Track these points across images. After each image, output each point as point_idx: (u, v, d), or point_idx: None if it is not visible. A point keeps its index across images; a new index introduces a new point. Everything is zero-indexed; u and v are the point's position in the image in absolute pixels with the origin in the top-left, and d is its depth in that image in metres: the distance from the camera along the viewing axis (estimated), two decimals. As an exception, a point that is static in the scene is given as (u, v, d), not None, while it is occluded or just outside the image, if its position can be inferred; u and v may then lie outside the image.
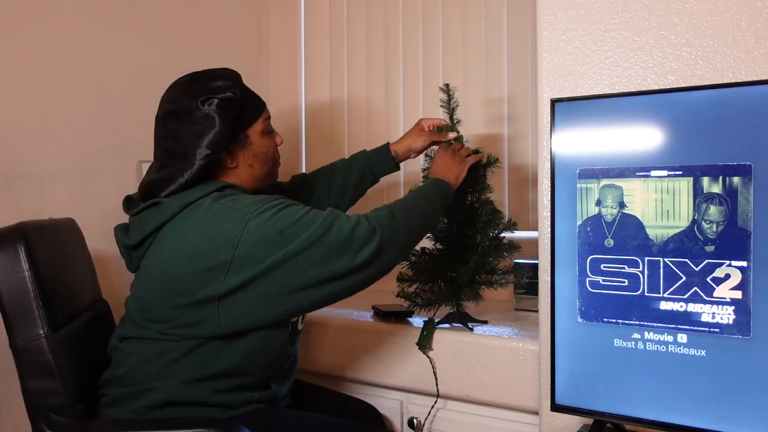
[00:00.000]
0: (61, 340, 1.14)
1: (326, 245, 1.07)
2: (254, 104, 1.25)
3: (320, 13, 2.46)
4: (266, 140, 1.27)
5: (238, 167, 1.23)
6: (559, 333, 1.21)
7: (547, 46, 1.34)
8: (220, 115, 1.15)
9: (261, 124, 1.26)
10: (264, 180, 1.28)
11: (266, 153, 1.26)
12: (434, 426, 1.63)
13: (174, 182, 1.15)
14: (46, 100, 1.70)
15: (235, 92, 1.17)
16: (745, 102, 1.04)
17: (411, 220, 1.21)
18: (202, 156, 1.15)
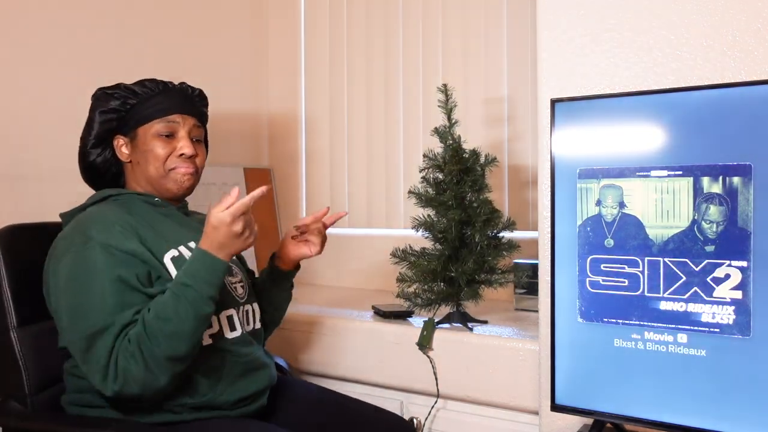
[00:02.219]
0: (29, 334, 1.23)
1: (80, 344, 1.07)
2: (156, 108, 1.25)
3: (320, 14, 2.46)
4: (157, 142, 1.23)
5: (131, 163, 1.27)
6: (559, 333, 1.21)
7: (547, 46, 1.34)
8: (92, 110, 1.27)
9: (156, 125, 1.24)
10: (157, 184, 1.25)
11: (153, 153, 1.23)
12: (434, 426, 1.63)
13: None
14: (47, 100, 1.70)
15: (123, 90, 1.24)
16: (745, 102, 1.04)
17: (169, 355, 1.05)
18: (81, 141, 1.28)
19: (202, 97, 1.34)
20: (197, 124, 1.29)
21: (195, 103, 1.31)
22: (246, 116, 2.48)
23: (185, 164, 1.25)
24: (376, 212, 2.34)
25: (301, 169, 2.52)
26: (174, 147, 1.24)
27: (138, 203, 1.24)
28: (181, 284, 1.07)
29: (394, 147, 2.29)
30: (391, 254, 1.69)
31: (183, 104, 1.27)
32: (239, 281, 1.29)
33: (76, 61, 1.78)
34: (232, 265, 1.29)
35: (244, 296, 1.28)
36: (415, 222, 1.66)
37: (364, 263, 2.34)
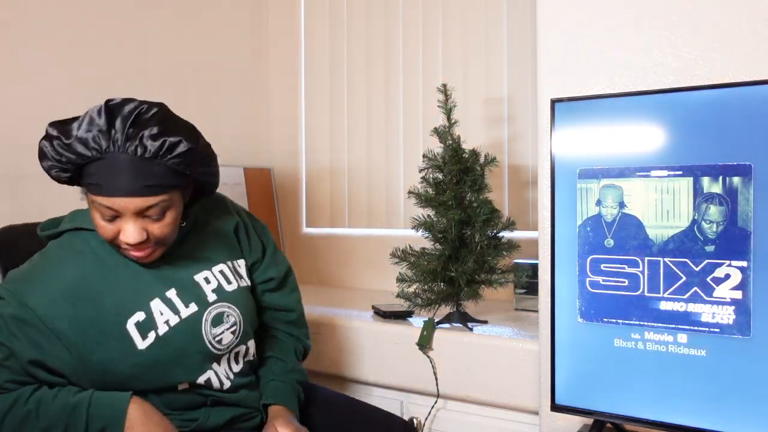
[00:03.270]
0: None
1: None
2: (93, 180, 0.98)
3: (320, 13, 2.46)
4: (99, 219, 1.01)
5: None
6: (559, 333, 1.21)
7: (547, 46, 1.34)
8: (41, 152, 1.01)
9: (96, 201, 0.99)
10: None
11: (94, 224, 1.03)
12: (434, 426, 1.63)
13: None
14: (47, 100, 1.70)
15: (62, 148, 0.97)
16: (745, 102, 1.04)
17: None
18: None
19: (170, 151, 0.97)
20: (153, 203, 0.99)
21: (153, 173, 0.97)
22: (246, 116, 2.48)
23: (135, 249, 1.03)
24: (376, 212, 2.33)
25: (301, 169, 2.52)
26: (116, 231, 1.01)
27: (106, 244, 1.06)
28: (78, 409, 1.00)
29: (394, 147, 2.29)
30: (391, 254, 1.69)
31: (130, 182, 0.96)
32: (230, 327, 1.14)
33: (76, 61, 1.78)
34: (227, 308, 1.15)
35: (233, 342, 1.15)
36: (415, 222, 1.66)
37: (364, 263, 2.34)
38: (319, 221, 2.48)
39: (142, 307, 1.06)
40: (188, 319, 1.10)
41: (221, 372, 1.14)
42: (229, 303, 1.16)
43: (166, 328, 1.07)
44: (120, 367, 1.04)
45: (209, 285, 1.15)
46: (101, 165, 0.97)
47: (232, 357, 1.17)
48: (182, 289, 1.11)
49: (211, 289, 1.15)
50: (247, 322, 1.19)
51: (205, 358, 1.11)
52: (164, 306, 1.08)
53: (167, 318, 1.08)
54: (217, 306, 1.14)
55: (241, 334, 1.17)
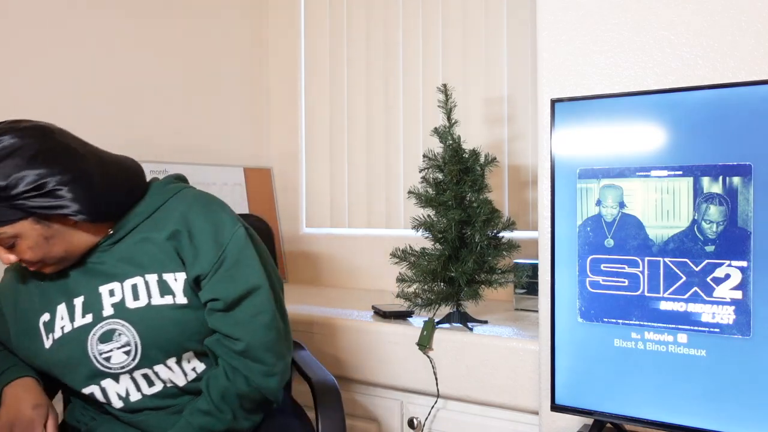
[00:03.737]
0: None
1: None
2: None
3: (320, 14, 2.46)
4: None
5: None
6: (559, 333, 1.21)
7: (547, 46, 1.34)
8: None
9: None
10: None
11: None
12: (434, 426, 1.63)
13: None
14: (48, 100, 1.70)
15: None
16: (745, 102, 1.04)
17: None
18: None
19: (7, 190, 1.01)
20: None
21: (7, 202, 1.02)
22: (246, 116, 2.48)
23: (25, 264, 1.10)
24: (376, 212, 2.34)
25: (301, 169, 2.52)
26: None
27: None
28: None
29: (394, 147, 2.29)
30: (391, 254, 1.69)
31: None
32: (122, 346, 1.09)
33: (77, 61, 1.78)
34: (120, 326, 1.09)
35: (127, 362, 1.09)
36: (415, 222, 1.66)
37: (364, 263, 2.34)
38: (319, 221, 2.48)
39: (50, 308, 1.12)
40: (78, 330, 1.10)
41: (117, 389, 1.11)
42: (125, 321, 1.09)
43: (60, 333, 1.11)
44: (34, 361, 1.15)
45: (112, 298, 1.10)
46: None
47: (140, 377, 1.11)
48: (87, 298, 1.11)
49: (111, 302, 1.10)
50: (150, 346, 1.09)
51: (91, 371, 1.10)
52: (66, 312, 1.11)
53: (64, 324, 1.11)
54: (110, 322, 1.09)
55: (140, 356, 1.09)
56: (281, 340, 1.14)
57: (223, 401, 1.09)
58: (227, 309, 1.11)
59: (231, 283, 1.11)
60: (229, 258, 1.11)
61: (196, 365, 1.15)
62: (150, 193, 1.18)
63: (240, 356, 1.10)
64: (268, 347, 1.12)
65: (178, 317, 1.10)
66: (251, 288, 1.12)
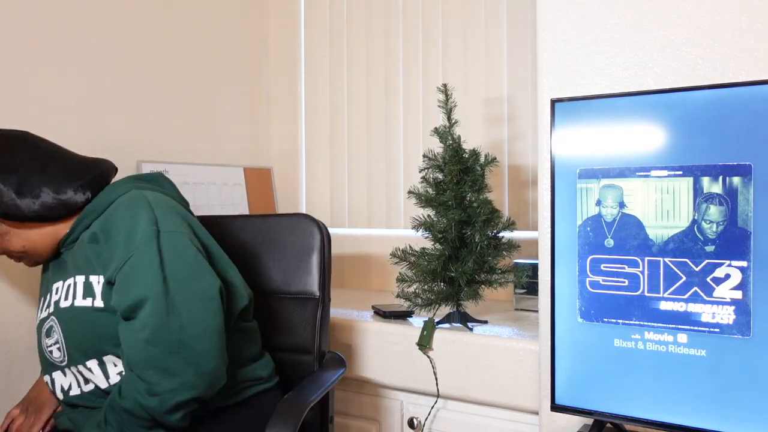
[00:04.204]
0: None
1: None
2: None
3: (320, 14, 2.46)
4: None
5: None
6: (559, 333, 1.21)
7: (547, 46, 1.34)
8: None
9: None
10: None
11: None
12: (434, 426, 1.63)
13: None
14: (47, 100, 1.70)
15: None
16: (745, 102, 1.04)
17: None
18: None
19: None
20: None
21: None
22: (246, 116, 2.48)
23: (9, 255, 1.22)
24: (376, 212, 2.34)
25: (301, 169, 2.52)
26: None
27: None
28: None
29: (394, 147, 2.29)
30: (391, 254, 1.69)
31: None
32: (55, 343, 1.14)
33: (76, 61, 1.78)
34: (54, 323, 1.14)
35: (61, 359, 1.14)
36: (415, 222, 1.66)
37: (364, 263, 2.34)
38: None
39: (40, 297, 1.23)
40: (39, 322, 1.19)
41: (62, 382, 1.16)
42: (56, 319, 1.13)
43: (36, 321, 1.27)
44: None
45: (55, 296, 1.15)
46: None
47: (78, 374, 1.13)
48: (48, 293, 1.20)
49: (53, 300, 1.15)
50: (72, 345, 1.10)
51: (47, 362, 1.18)
52: (40, 303, 1.22)
53: (38, 315, 1.21)
54: (50, 319, 1.16)
55: (66, 354, 1.12)
56: (172, 356, 1.00)
57: (111, 413, 1.03)
58: (124, 318, 1.04)
59: (123, 292, 1.03)
60: (128, 263, 1.03)
61: (122, 370, 1.09)
62: (102, 192, 1.17)
63: (129, 370, 1.04)
64: (148, 364, 1.00)
65: (94, 319, 1.07)
66: (139, 298, 1.02)
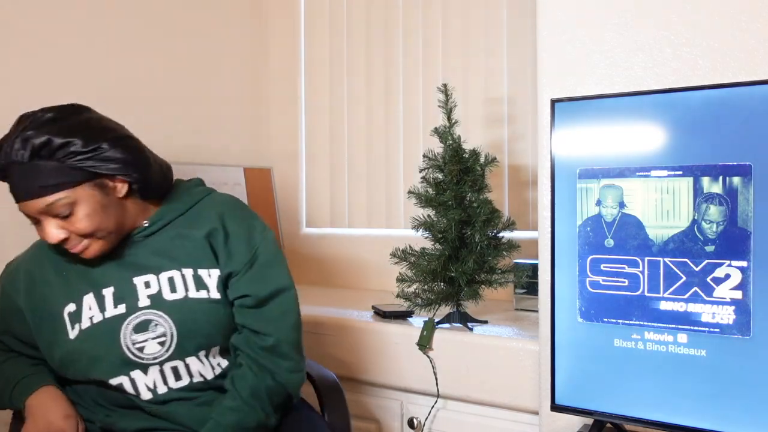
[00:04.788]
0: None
1: None
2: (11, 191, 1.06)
3: (320, 13, 2.46)
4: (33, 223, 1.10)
5: None
6: (559, 333, 1.21)
7: (547, 46, 1.34)
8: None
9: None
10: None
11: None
12: (434, 426, 1.63)
13: None
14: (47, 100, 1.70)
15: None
16: (745, 102, 1.04)
17: None
18: None
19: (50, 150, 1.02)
20: (52, 201, 1.03)
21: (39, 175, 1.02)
22: (246, 116, 2.48)
23: (69, 247, 1.08)
24: (376, 212, 2.33)
25: (301, 169, 2.52)
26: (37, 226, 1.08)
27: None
28: None
29: (394, 147, 2.29)
30: (391, 254, 1.69)
31: (23, 187, 1.03)
32: (157, 337, 1.11)
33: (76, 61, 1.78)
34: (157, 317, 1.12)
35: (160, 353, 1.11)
36: (415, 222, 1.66)
37: (364, 263, 2.34)
38: (319, 221, 2.48)
39: (76, 298, 1.11)
40: (110, 320, 1.11)
41: (146, 381, 1.12)
42: (162, 312, 1.11)
43: (88, 323, 1.10)
44: (55, 352, 1.12)
45: (148, 290, 1.12)
46: (8, 174, 1.04)
47: (168, 370, 1.12)
48: (119, 289, 1.13)
49: (147, 294, 1.12)
50: (186, 337, 1.12)
51: (122, 362, 1.10)
52: (94, 302, 1.11)
53: (93, 314, 1.11)
54: (146, 312, 1.11)
55: (174, 347, 1.11)
56: (302, 340, 1.21)
57: (252, 398, 1.12)
58: (257, 306, 1.16)
59: (262, 282, 1.16)
60: (260, 259, 1.18)
61: (220, 361, 1.18)
62: (181, 191, 1.22)
63: (268, 353, 1.15)
64: (294, 344, 1.18)
65: (212, 311, 1.14)
66: (281, 288, 1.18)
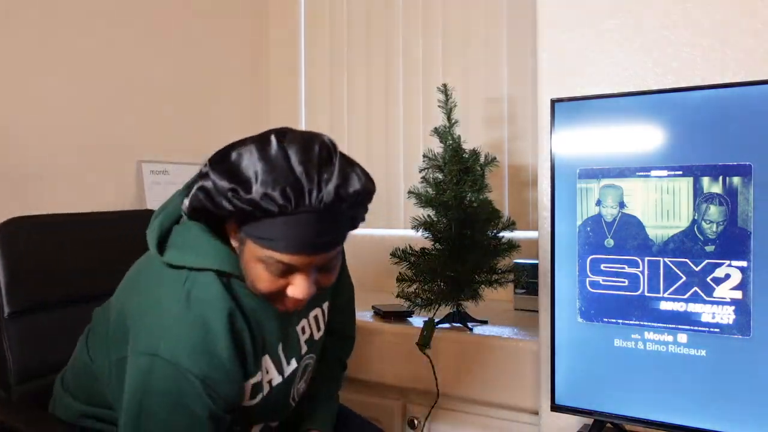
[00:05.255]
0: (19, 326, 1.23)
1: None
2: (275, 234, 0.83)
3: (320, 14, 2.46)
4: (262, 272, 0.86)
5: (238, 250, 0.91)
6: (559, 333, 1.21)
7: (547, 46, 1.34)
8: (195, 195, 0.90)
9: (264, 255, 0.85)
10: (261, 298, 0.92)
11: (252, 280, 0.88)
12: (434, 426, 1.63)
13: None
14: (47, 100, 1.70)
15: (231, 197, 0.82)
16: (745, 102, 1.04)
17: None
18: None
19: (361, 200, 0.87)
20: (334, 255, 0.89)
21: (338, 225, 0.86)
22: (246, 116, 2.48)
23: (294, 302, 0.90)
24: (376, 212, 2.33)
25: (301, 169, 2.52)
26: (283, 285, 0.88)
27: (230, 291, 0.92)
28: None
29: (394, 147, 2.29)
30: (391, 254, 1.69)
31: (317, 240, 0.84)
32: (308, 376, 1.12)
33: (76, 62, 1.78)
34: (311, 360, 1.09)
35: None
36: (415, 222, 1.66)
37: (364, 263, 2.34)
38: (319, 221, 2.48)
39: (259, 367, 0.96)
40: (287, 379, 1.01)
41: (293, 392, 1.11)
42: (313, 353, 1.07)
43: (268, 388, 0.98)
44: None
45: (304, 335, 1.04)
46: (286, 220, 0.82)
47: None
48: (287, 343, 1.01)
49: (304, 339, 1.04)
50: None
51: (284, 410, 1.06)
52: (271, 364, 0.98)
53: (271, 377, 0.98)
54: (306, 358, 1.06)
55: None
56: None
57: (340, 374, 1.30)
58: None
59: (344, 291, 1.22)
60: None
61: None
62: None
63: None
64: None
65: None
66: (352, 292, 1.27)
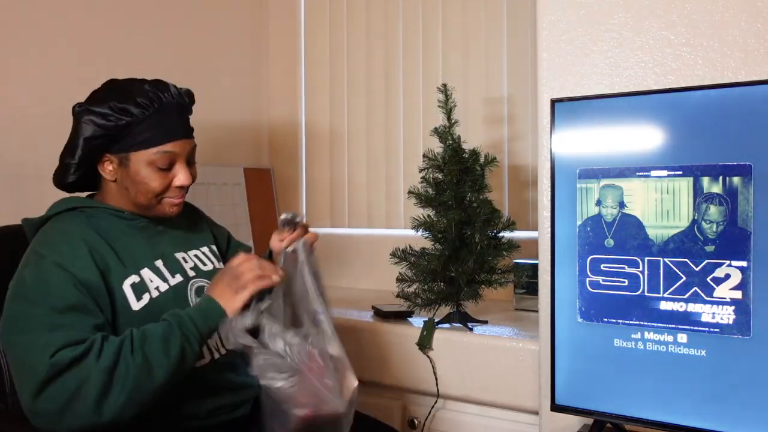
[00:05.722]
0: None
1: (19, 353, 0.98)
2: (152, 133, 1.11)
3: (320, 13, 2.46)
4: (152, 174, 1.12)
5: (116, 182, 1.15)
6: (559, 333, 1.21)
7: (547, 46, 1.34)
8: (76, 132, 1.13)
9: (152, 156, 1.11)
10: (142, 209, 1.17)
11: (144, 185, 1.12)
12: (434, 426, 1.63)
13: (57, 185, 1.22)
14: (47, 100, 1.70)
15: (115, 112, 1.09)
16: (745, 102, 1.04)
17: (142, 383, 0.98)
18: (60, 162, 1.18)
19: (192, 101, 1.22)
20: (194, 143, 1.18)
21: (188, 120, 1.20)
22: (246, 116, 2.48)
23: (178, 194, 1.17)
24: (376, 212, 2.33)
25: (301, 169, 2.52)
26: (170, 179, 1.14)
27: (106, 217, 1.15)
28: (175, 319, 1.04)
29: (394, 147, 2.29)
30: (391, 254, 1.69)
31: (182, 126, 1.17)
32: None
33: (76, 62, 1.78)
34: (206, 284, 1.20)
35: None
36: (415, 222, 1.66)
37: (364, 263, 2.34)
38: (319, 221, 2.48)
39: (136, 271, 1.12)
40: (175, 287, 1.16)
41: (211, 343, 1.18)
42: (207, 280, 1.21)
43: (156, 293, 1.13)
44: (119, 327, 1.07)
45: (186, 264, 1.22)
46: (159, 115, 1.11)
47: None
48: (167, 261, 1.18)
49: (189, 267, 1.21)
50: None
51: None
52: (153, 274, 1.14)
53: (157, 284, 1.14)
54: (197, 280, 1.20)
55: None
56: None
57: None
58: None
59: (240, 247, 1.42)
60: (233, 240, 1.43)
61: None
62: None
63: None
64: None
65: None
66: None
